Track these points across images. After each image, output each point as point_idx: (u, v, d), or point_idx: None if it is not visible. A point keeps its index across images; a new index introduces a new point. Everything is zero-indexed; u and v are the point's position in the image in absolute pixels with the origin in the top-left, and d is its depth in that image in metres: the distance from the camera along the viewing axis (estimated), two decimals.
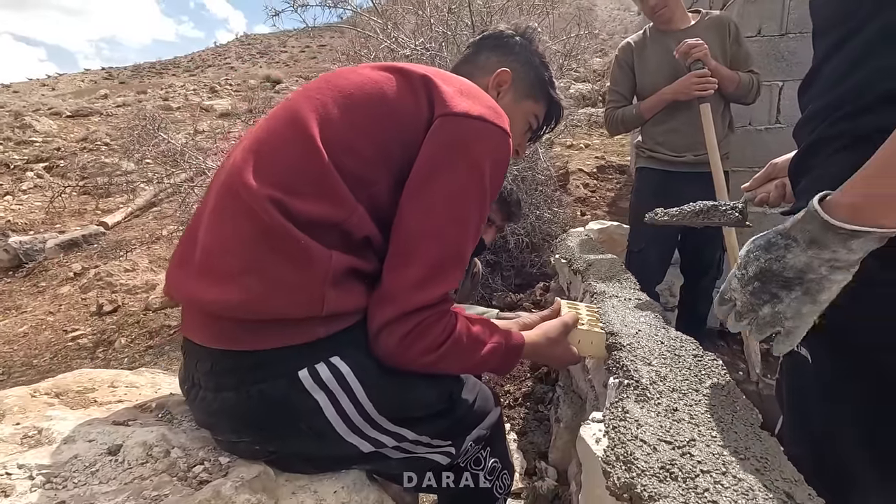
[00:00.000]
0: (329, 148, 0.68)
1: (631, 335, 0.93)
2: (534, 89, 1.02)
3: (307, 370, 0.65)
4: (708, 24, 1.93)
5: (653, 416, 0.68)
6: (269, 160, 0.69)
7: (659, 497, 0.53)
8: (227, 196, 0.70)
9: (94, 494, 0.55)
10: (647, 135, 2.05)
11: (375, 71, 0.78)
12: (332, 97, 0.73)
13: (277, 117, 0.75)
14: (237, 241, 0.66)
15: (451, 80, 0.78)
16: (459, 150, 0.71)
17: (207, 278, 0.67)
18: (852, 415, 0.69)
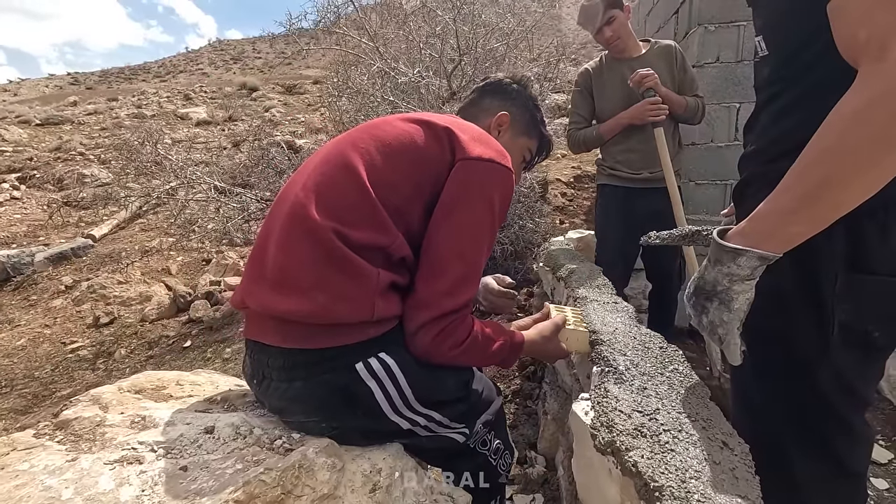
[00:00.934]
0: (375, 188, 0.86)
1: (609, 332, 1.13)
2: (528, 128, 1.21)
3: (362, 363, 0.82)
4: (657, 52, 2.16)
5: (628, 393, 0.87)
6: (329, 199, 0.86)
7: (633, 448, 0.73)
8: (296, 226, 0.85)
9: (206, 461, 0.71)
10: (607, 154, 2.28)
11: (406, 123, 0.96)
12: (374, 146, 0.91)
13: (330, 162, 0.92)
14: (306, 263, 0.82)
15: (466, 128, 0.97)
16: (475, 187, 0.90)
17: (281, 292, 0.82)
18: (779, 395, 0.84)
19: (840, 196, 0.61)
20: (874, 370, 0.85)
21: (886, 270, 0.75)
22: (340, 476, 0.74)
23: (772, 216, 0.68)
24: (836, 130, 0.60)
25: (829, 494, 0.82)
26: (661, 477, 0.65)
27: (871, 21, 0.57)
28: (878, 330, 0.78)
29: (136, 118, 12.57)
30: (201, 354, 2.91)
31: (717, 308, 0.74)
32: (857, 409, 0.84)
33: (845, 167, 0.59)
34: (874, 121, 0.56)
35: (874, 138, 0.57)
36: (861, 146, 0.58)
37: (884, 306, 0.77)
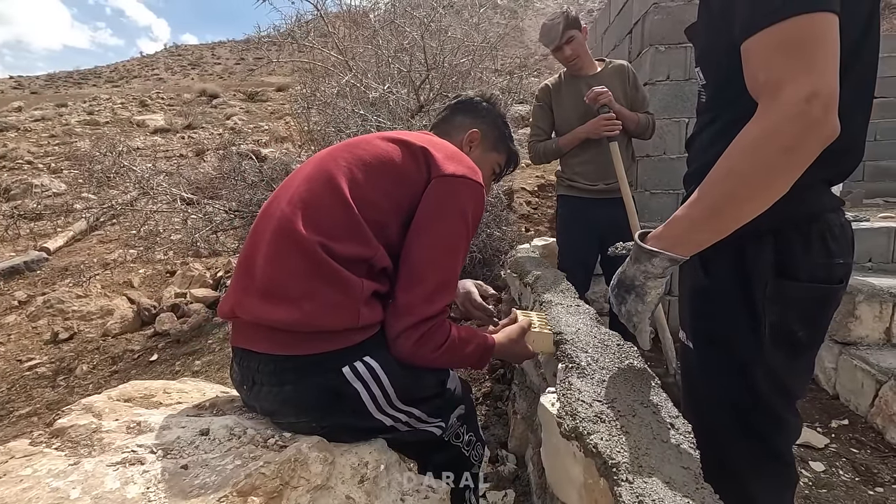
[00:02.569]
0: (358, 205, 0.93)
1: (573, 332, 1.24)
2: (497, 144, 1.31)
3: (349, 367, 0.89)
4: (611, 71, 2.33)
5: (589, 386, 0.98)
6: (315, 214, 0.93)
7: (594, 432, 0.82)
8: (284, 240, 0.91)
9: (206, 459, 0.76)
10: (566, 166, 2.43)
11: (385, 142, 1.04)
12: (356, 165, 0.99)
13: (315, 179, 0.98)
14: (295, 275, 0.88)
15: (440, 146, 1.05)
16: (450, 201, 0.98)
17: (271, 302, 0.87)
18: (719, 389, 0.94)
19: (738, 211, 0.73)
20: (802, 367, 0.95)
21: (807, 277, 0.86)
22: (332, 469, 0.80)
23: (682, 224, 0.79)
24: (737, 155, 0.71)
25: (764, 478, 0.93)
26: (618, 455, 0.75)
27: (769, 65, 0.69)
28: (802, 330, 0.89)
29: (88, 125, 12.06)
30: (169, 368, 2.86)
31: (633, 300, 0.86)
32: (788, 403, 0.94)
33: (743, 187, 0.71)
34: (766, 150, 0.68)
35: (766, 165, 0.68)
36: (756, 171, 0.69)
37: (806, 309, 0.88)
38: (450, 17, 4.34)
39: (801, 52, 0.66)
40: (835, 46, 0.67)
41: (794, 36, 0.66)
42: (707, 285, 0.94)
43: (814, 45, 0.66)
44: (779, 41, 0.67)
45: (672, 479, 0.71)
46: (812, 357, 0.95)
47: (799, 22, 0.66)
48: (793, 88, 0.65)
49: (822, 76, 0.65)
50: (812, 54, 0.66)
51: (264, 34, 3.33)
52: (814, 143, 0.66)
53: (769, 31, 0.68)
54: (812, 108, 0.64)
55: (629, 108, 2.27)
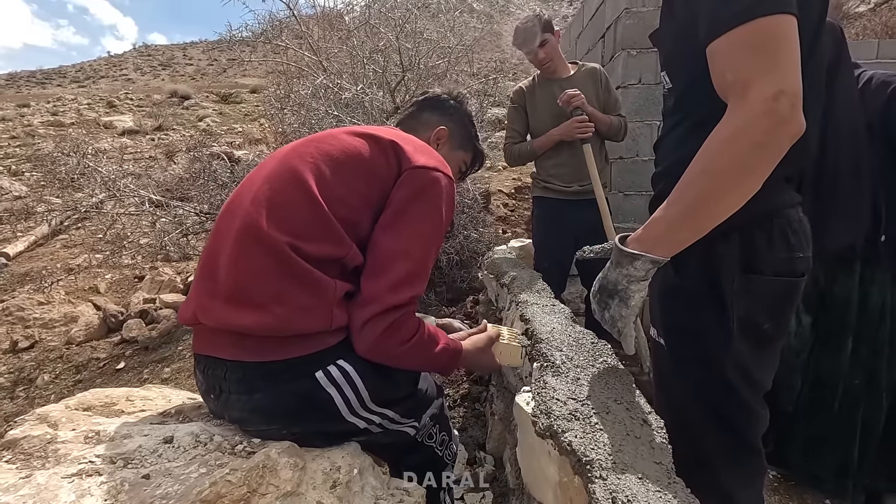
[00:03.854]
0: (328, 202, 0.90)
1: (548, 331, 1.24)
2: (464, 142, 1.29)
3: (322, 371, 0.86)
4: (584, 74, 2.37)
5: (564, 384, 0.98)
6: (282, 213, 0.88)
7: (568, 430, 0.82)
8: (250, 241, 0.86)
9: (169, 468, 0.73)
10: (541, 168, 2.46)
11: (352, 137, 1.00)
12: (323, 160, 0.95)
13: (280, 177, 0.94)
14: (264, 277, 0.84)
15: (409, 140, 1.03)
16: (421, 192, 0.95)
17: (238, 306, 0.84)
18: (691, 382, 0.96)
19: (714, 209, 0.75)
20: (768, 358, 0.97)
21: (771, 271, 0.89)
22: (303, 474, 0.78)
23: (661, 225, 0.80)
24: (708, 155, 0.73)
25: (735, 468, 0.95)
26: (592, 452, 0.75)
27: (736, 66, 0.71)
28: (768, 322, 0.92)
29: (52, 126, 11.64)
30: (137, 376, 2.76)
31: (617, 305, 0.85)
32: (755, 394, 0.97)
33: (717, 185, 0.73)
34: (737, 149, 0.69)
35: (738, 162, 0.70)
36: (729, 168, 0.71)
37: (771, 302, 0.91)
38: (426, 20, 4.35)
39: (766, 52, 0.68)
40: (796, 46, 0.69)
41: (759, 37, 0.69)
42: (677, 282, 0.96)
43: (777, 46, 0.69)
44: (744, 42, 0.70)
45: (645, 474, 0.71)
46: (777, 349, 0.98)
47: (762, 23, 0.68)
48: (760, 87, 0.67)
49: (786, 75, 0.68)
50: (776, 54, 0.68)
51: (236, 33, 3.26)
52: (783, 139, 0.68)
53: (735, 33, 0.70)
54: (780, 106, 0.67)
55: (602, 110, 2.30)
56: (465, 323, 1.88)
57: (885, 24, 9.65)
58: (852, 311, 1.67)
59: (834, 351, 1.71)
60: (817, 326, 1.74)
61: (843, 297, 1.69)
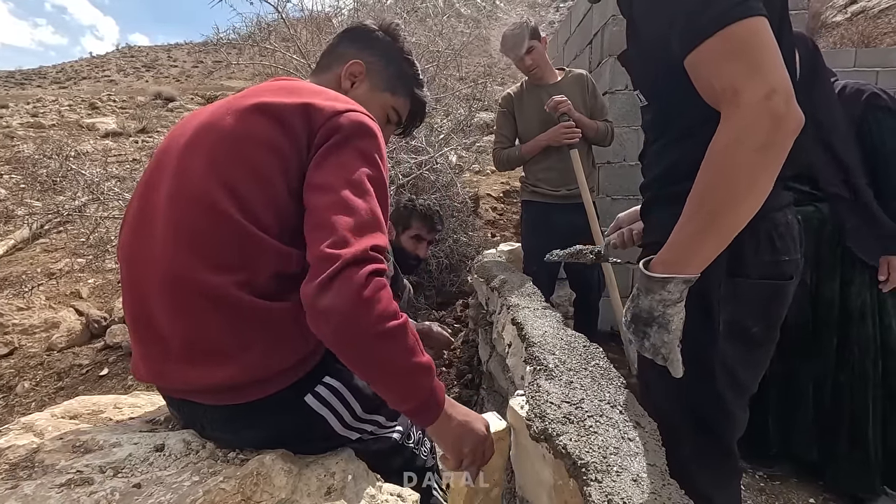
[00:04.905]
0: (256, 222, 0.76)
1: (540, 335, 1.25)
2: (393, 84, 1.05)
3: (311, 394, 0.82)
4: (571, 80, 2.40)
5: (557, 387, 0.98)
6: (210, 251, 0.75)
7: (562, 433, 0.83)
8: (185, 293, 0.75)
9: (160, 477, 0.72)
10: (529, 172, 2.48)
11: (249, 117, 0.80)
12: (226, 167, 0.78)
13: (183, 199, 0.78)
14: (221, 329, 0.74)
15: (315, 93, 0.86)
16: (337, 138, 0.79)
17: (202, 365, 0.75)
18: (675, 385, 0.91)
19: (734, 218, 0.74)
20: (756, 362, 0.98)
21: (757, 275, 0.90)
22: (297, 481, 0.77)
23: (685, 244, 0.78)
24: (713, 167, 0.73)
25: (712, 471, 0.95)
26: (587, 455, 0.76)
27: (721, 73, 0.71)
28: (756, 325, 0.93)
29: (31, 128, 11.40)
30: (121, 382, 2.70)
31: (657, 332, 0.81)
32: (739, 397, 0.98)
33: (731, 194, 0.72)
34: (742, 152, 0.69)
35: (746, 166, 0.70)
36: (737, 174, 0.71)
37: (758, 305, 0.92)
38: (414, 24, 4.36)
39: (748, 55, 0.69)
40: (775, 45, 0.71)
41: (736, 43, 0.70)
42: None
43: (756, 47, 0.70)
44: (723, 49, 0.71)
45: (640, 476, 0.72)
46: (767, 352, 0.98)
47: (736, 29, 0.70)
48: (751, 90, 0.68)
49: (773, 73, 0.68)
50: (758, 55, 0.69)
51: (223, 35, 3.23)
52: (784, 136, 0.69)
53: (711, 42, 0.71)
54: (774, 104, 0.67)
55: (589, 116, 2.33)
56: (446, 328, 1.88)
57: (861, 33, 9.93)
58: (835, 311, 1.72)
59: (821, 349, 1.75)
60: (808, 326, 1.78)
61: (828, 297, 1.73)
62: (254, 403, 0.78)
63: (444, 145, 3.55)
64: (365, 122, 0.82)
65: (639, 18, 0.88)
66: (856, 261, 1.69)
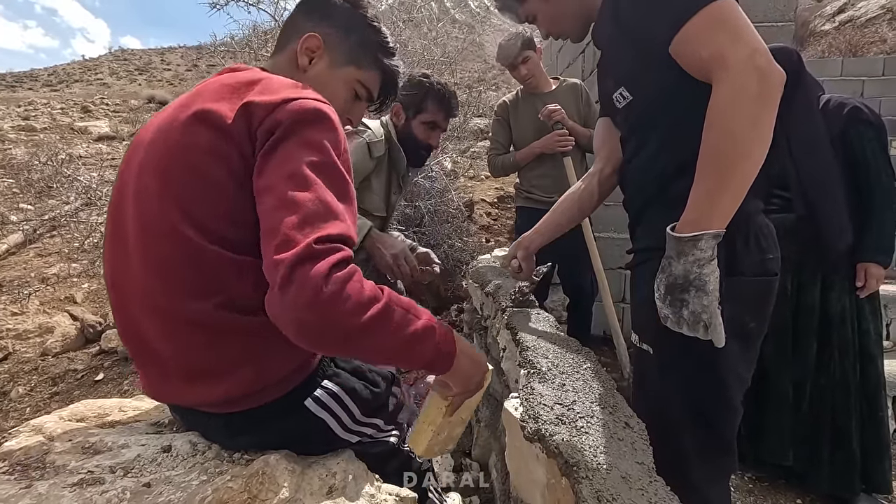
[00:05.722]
0: (222, 243, 0.74)
1: (534, 339, 1.29)
2: (356, 56, 0.95)
3: (310, 399, 0.84)
4: (565, 89, 2.46)
5: (550, 389, 1.02)
6: (181, 277, 0.74)
7: (555, 434, 0.86)
8: (174, 321, 0.75)
9: (169, 476, 0.75)
10: (524, 178, 2.54)
11: (192, 128, 0.75)
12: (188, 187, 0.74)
13: (148, 225, 0.76)
14: (210, 350, 0.76)
15: (261, 86, 0.78)
16: (277, 135, 0.72)
17: (203, 382, 0.77)
18: (679, 386, 1.01)
19: (744, 166, 0.80)
20: (752, 355, 1.05)
21: (751, 272, 0.97)
22: (300, 480, 0.80)
23: (704, 201, 0.82)
24: (717, 124, 0.80)
25: (706, 463, 1.01)
26: (578, 454, 0.80)
27: (709, 43, 0.81)
28: (753, 321, 1.00)
29: (23, 131, 11.32)
30: (117, 387, 2.71)
31: (695, 296, 0.81)
32: (740, 390, 1.04)
33: (739, 146, 0.78)
34: (741, 105, 0.77)
35: (747, 117, 0.77)
36: (743, 127, 0.78)
37: (753, 301, 0.99)
38: (409, 31, 4.41)
39: (727, 26, 0.80)
40: (747, 20, 0.81)
41: (718, 17, 0.80)
42: None
43: (734, 20, 0.80)
44: (707, 24, 0.81)
45: (628, 474, 0.76)
46: (758, 345, 1.05)
47: (712, 9, 0.81)
48: (735, 52, 0.77)
49: (753, 38, 0.79)
50: (736, 26, 0.80)
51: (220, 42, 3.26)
52: (771, 86, 0.77)
53: (693, 22, 0.82)
54: (757, 61, 0.77)
55: (583, 124, 2.39)
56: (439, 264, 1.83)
57: (848, 41, 10.11)
58: (815, 316, 1.77)
59: (801, 353, 1.80)
60: (788, 331, 1.83)
61: (809, 302, 1.79)
62: (255, 411, 0.80)
63: (439, 152, 3.60)
64: (306, 108, 0.74)
65: (624, 15, 0.96)
66: (837, 266, 1.74)
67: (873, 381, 1.77)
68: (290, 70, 0.91)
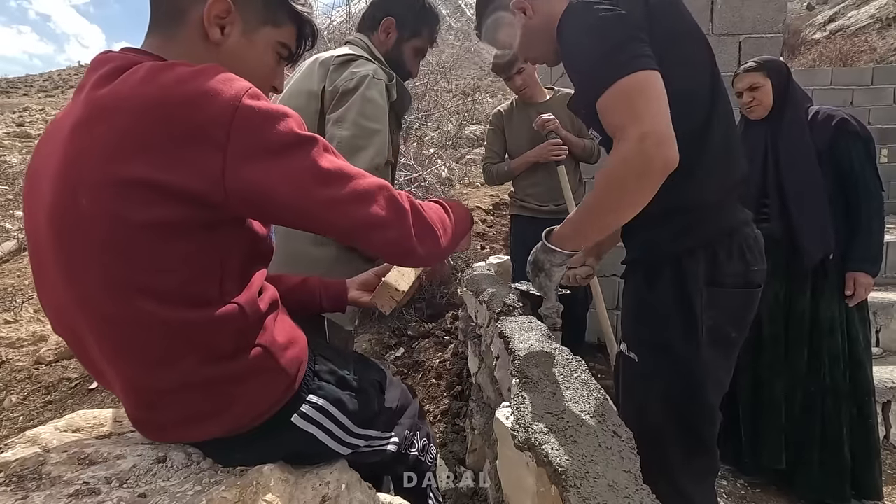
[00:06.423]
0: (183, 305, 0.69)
1: (525, 348, 1.30)
2: (269, 13, 0.81)
3: (297, 415, 0.83)
4: (559, 99, 2.50)
5: (541, 399, 1.04)
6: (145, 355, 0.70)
7: (545, 443, 0.88)
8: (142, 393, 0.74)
9: (164, 487, 0.76)
10: (518, 187, 2.57)
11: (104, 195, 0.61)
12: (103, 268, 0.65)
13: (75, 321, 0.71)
14: (196, 403, 0.75)
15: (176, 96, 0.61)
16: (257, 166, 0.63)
17: (196, 426, 0.77)
18: (660, 392, 1.09)
19: (606, 220, 0.97)
20: (731, 362, 1.12)
21: (731, 284, 1.03)
22: (294, 490, 0.82)
23: (571, 228, 1.02)
24: (603, 181, 0.91)
25: (689, 464, 1.07)
26: (567, 463, 0.81)
27: (612, 116, 0.89)
28: (734, 330, 1.06)
29: (18, 137, 11.31)
30: (111, 396, 2.70)
31: (544, 277, 1.11)
32: (718, 395, 1.10)
33: (607, 202, 0.92)
34: (621, 176, 0.87)
35: (621, 186, 0.88)
36: (617, 191, 0.89)
37: (734, 312, 1.06)
38: None
39: (632, 103, 0.86)
40: (658, 94, 0.85)
41: (625, 92, 0.86)
42: (650, 297, 1.09)
43: (638, 97, 0.86)
44: (615, 97, 0.87)
45: (615, 482, 0.77)
46: (737, 352, 1.12)
47: (625, 82, 0.86)
48: (629, 131, 0.84)
49: (649, 120, 0.84)
50: (638, 104, 0.85)
51: None
52: (652, 171, 0.84)
53: (608, 91, 0.88)
54: (645, 145, 0.82)
55: (576, 134, 2.42)
56: None
57: (839, 51, 10.26)
58: (806, 324, 1.80)
59: (792, 361, 1.83)
60: (781, 339, 1.86)
61: (799, 310, 1.81)
62: (243, 436, 0.80)
63: (432, 162, 3.63)
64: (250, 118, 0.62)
65: (569, 74, 1.04)
66: (827, 274, 1.77)
67: (863, 388, 1.79)
68: (196, 47, 0.75)
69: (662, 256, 1.07)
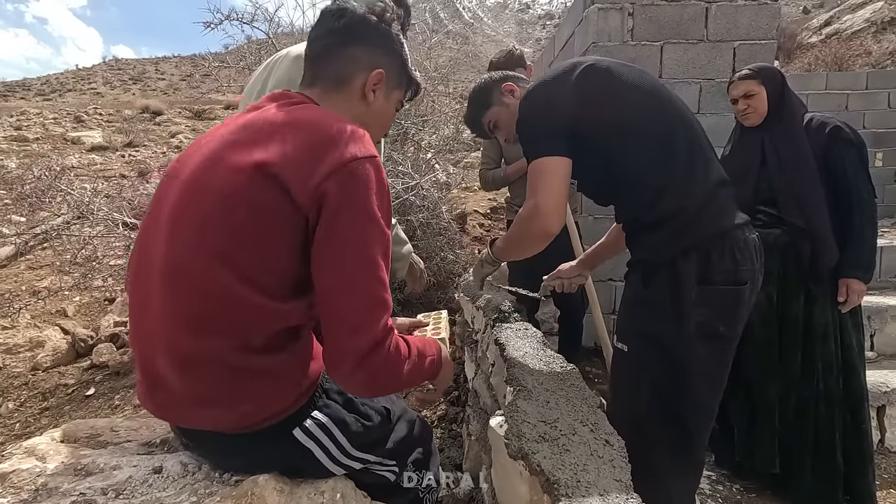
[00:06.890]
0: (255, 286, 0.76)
1: (520, 356, 1.31)
2: (400, 78, 0.99)
3: (299, 428, 0.85)
4: None
5: (534, 407, 1.05)
6: (205, 321, 0.77)
7: (537, 451, 0.89)
8: (183, 357, 0.77)
9: (160, 498, 0.76)
10: (514, 193, 2.59)
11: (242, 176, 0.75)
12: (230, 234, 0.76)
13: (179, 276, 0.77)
14: (220, 385, 0.78)
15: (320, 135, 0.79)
16: (344, 202, 0.75)
17: (201, 410, 0.79)
18: (649, 383, 1.17)
19: (514, 252, 1.40)
20: (727, 358, 1.21)
21: (721, 281, 1.13)
22: (289, 500, 0.82)
23: (499, 247, 1.43)
24: (515, 224, 1.27)
25: (679, 475, 1.12)
26: (559, 472, 0.82)
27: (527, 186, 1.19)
28: (723, 325, 1.15)
29: (15, 141, 11.29)
30: (108, 402, 2.70)
31: (474, 273, 1.64)
32: (716, 395, 1.19)
33: (513, 242, 1.35)
34: (521, 228, 1.24)
35: (521, 235, 1.28)
36: (517, 237, 1.31)
37: (723, 307, 1.15)
38: None
39: (533, 179, 1.17)
40: (553, 175, 1.15)
41: (532, 169, 1.18)
42: (646, 294, 1.20)
43: (538, 178, 1.16)
44: (529, 171, 1.19)
45: (606, 491, 0.78)
46: (733, 347, 1.21)
47: (535, 163, 1.17)
48: (528, 200, 1.16)
49: (539, 195, 1.14)
50: (538, 182, 1.15)
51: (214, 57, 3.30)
52: (535, 235, 1.20)
53: (529, 167, 1.19)
54: (534, 215, 1.16)
55: None
56: None
57: (834, 54, 10.32)
58: (800, 329, 1.81)
59: (786, 365, 1.84)
60: (774, 342, 1.87)
61: (793, 315, 1.83)
62: (247, 436, 0.82)
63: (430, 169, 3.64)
64: (361, 172, 0.77)
65: None
66: (820, 280, 1.79)
67: (856, 394, 1.80)
68: (353, 105, 0.94)
69: (659, 258, 1.18)
